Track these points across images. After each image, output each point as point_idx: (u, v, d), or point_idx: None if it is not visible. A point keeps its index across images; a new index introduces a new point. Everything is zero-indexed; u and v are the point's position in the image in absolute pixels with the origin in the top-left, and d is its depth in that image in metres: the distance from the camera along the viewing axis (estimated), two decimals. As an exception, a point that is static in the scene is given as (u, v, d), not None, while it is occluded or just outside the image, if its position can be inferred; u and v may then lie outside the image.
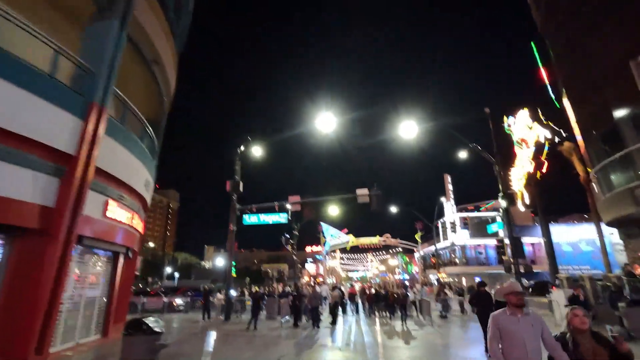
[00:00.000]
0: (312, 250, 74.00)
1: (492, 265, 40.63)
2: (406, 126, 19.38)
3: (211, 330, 12.92)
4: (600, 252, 41.56)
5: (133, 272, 15.46)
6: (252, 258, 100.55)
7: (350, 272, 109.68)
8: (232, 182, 17.35)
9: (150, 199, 14.84)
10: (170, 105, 17.47)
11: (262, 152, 18.82)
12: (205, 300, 15.85)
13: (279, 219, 16.95)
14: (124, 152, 10.50)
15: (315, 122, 16.88)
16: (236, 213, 17.14)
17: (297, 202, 16.98)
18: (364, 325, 14.13)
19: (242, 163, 18.43)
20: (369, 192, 16.72)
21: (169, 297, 23.65)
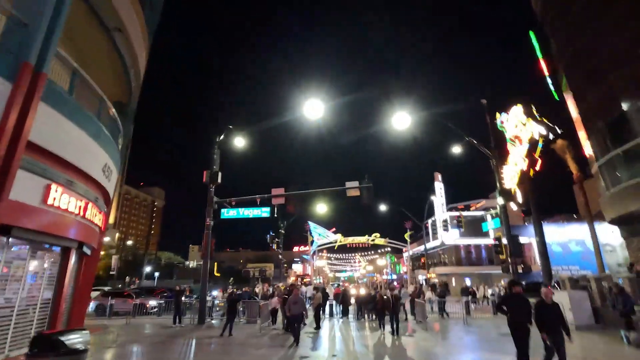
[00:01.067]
0: (300, 250, 72.51)
1: (483, 265, 39.93)
2: (398, 118, 18.16)
3: (178, 338, 11.36)
4: (589, 252, 41.39)
5: (93, 271, 13.77)
6: (238, 258, 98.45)
7: (337, 273, 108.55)
8: (210, 172, 15.78)
9: (112, 188, 13.18)
10: (140, 86, 15.82)
11: (245, 143, 17.31)
12: (176, 302, 14.25)
13: (261, 213, 15.46)
14: (74, 130, 8.88)
15: (303, 109, 15.49)
16: (213, 206, 15.57)
17: (280, 195, 15.52)
18: (353, 331, 12.77)
19: (222, 153, 16.89)
20: (359, 185, 15.38)
21: (142, 299, 21.89)
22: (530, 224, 43.47)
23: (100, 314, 21.01)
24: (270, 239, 32.42)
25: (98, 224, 11.51)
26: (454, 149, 23.75)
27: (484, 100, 20.62)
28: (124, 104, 14.80)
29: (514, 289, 6.86)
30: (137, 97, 15.88)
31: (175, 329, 13.26)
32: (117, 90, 14.28)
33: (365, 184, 15.30)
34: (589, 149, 19.67)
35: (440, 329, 13.24)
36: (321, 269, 76.18)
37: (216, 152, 16.29)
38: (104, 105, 11.18)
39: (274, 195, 15.56)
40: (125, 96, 14.57)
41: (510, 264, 17.02)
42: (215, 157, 16.13)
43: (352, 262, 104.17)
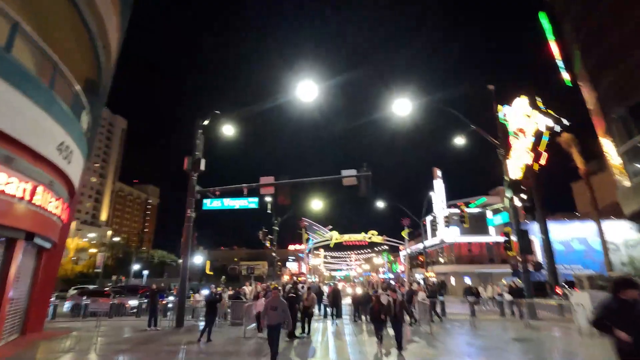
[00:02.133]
0: (296, 248, 71.02)
1: (483, 264, 38.69)
2: (398, 104, 16.77)
3: (146, 345, 9.85)
4: (592, 251, 40.26)
5: (54, 268, 12.23)
6: (232, 256, 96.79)
7: (333, 272, 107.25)
8: (191, 159, 14.25)
9: (77, 174, 11.64)
10: (114, 63, 14.25)
11: (232, 129, 15.77)
12: (152, 303, 12.71)
13: (248, 204, 13.98)
14: (14, 96, 7.36)
15: (295, 92, 14.03)
16: (195, 196, 14.05)
17: (270, 184, 14.04)
18: (347, 336, 11.33)
19: (207, 140, 15.36)
20: (357, 173, 13.91)
21: (121, 298, 20.35)
22: (532, 222, 42.38)
23: (76, 314, 19.50)
24: (262, 236, 30.85)
25: (56, 213, 9.97)
26: (457, 140, 22.38)
27: (491, 85, 19.26)
28: (94, 82, 13.25)
29: (626, 292, 3.82)
30: (110, 76, 14.31)
31: (148, 333, 11.75)
32: (85, 67, 12.73)
33: (363, 172, 13.84)
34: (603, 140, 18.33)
35: (446, 336, 11.84)
36: (317, 268, 74.78)
37: (199, 137, 14.76)
38: (61, 75, 9.62)
39: (263, 184, 14.06)
40: (94, 73, 13.01)
41: (520, 261, 15.68)
42: (198, 143, 14.60)
43: (348, 260, 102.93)
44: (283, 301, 7.39)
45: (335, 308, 15.22)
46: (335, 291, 15.56)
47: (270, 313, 7.12)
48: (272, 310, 7.13)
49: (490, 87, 19.19)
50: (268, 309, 7.18)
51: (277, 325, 7.09)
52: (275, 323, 7.07)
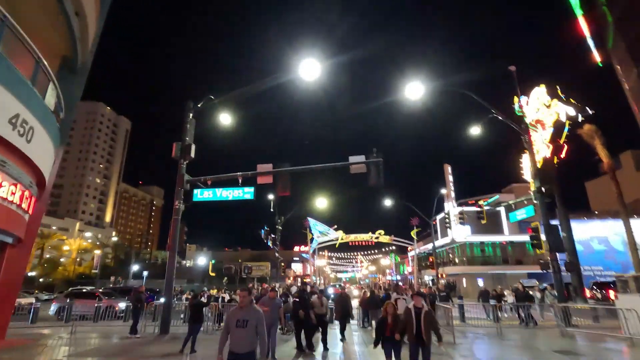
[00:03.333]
0: (301, 249, 69.36)
1: (497, 265, 36.77)
2: (410, 88, 15.13)
3: (120, 356, 8.29)
4: (613, 251, 38.08)
5: (21, 267, 10.74)
6: (236, 257, 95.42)
7: (339, 273, 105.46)
8: (181, 145, 12.71)
9: (47, 162, 10.16)
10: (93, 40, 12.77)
11: (228, 115, 14.24)
12: (134, 307, 11.15)
13: (243, 194, 12.40)
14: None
15: (298, 71, 12.45)
16: (184, 186, 12.51)
17: (268, 173, 12.46)
18: (356, 345, 9.67)
19: (200, 127, 13.83)
20: (366, 160, 12.26)
21: (111, 300, 18.87)
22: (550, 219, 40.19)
23: (62, 317, 18.08)
24: (265, 234, 29.27)
25: (14, 202, 8.46)
26: (473, 130, 20.63)
27: (512, 66, 17.51)
28: (68, 58, 11.79)
29: None
30: (87, 54, 12.82)
31: (126, 342, 10.19)
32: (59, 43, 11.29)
33: (373, 159, 12.19)
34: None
35: (473, 348, 10.13)
36: (322, 269, 73.06)
37: (190, 122, 13.23)
38: (13, 34, 8.12)
39: (260, 172, 12.47)
40: (68, 47, 11.53)
41: (551, 260, 13.91)
42: (189, 127, 13.06)
43: (354, 262, 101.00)
44: (259, 312, 4.24)
45: (343, 320, 11.04)
46: (344, 297, 11.56)
47: (236, 333, 4.06)
48: (239, 328, 4.04)
49: (511, 67, 17.43)
50: (232, 323, 4.12)
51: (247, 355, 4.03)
52: (244, 351, 4.01)
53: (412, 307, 5.82)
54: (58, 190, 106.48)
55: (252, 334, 4.09)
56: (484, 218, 19.78)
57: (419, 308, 5.75)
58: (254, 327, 4.11)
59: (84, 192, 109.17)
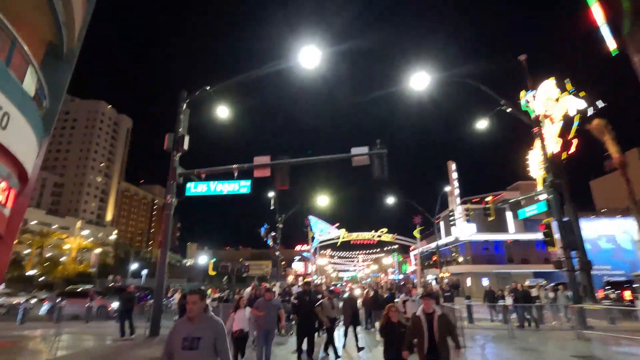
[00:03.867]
0: (302, 249, 68.72)
1: (502, 264, 35.98)
2: (415, 79, 14.40)
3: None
4: (620, 250, 37.18)
5: (1, 263, 10.06)
6: (237, 256, 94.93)
7: (340, 272, 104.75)
8: (173, 136, 12.02)
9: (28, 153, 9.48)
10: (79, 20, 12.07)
11: (225, 106, 13.56)
12: (123, 308, 10.44)
13: (239, 188, 11.70)
14: None
15: (298, 58, 11.76)
16: (177, 180, 11.83)
17: (265, 165, 11.77)
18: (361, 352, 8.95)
19: (194, 118, 13.16)
20: (369, 151, 11.54)
21: (104, 300, 18.28)
22: (555, 219, 39.35)
23: (49, 317, 17.48)
24: (265, 232, 28.59)
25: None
26: (480, 124, 19.91)
27: (522, 56, 16.73)
28: (53, 44, 11.11)
29: None
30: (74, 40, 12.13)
31: (113, 346, 9.53)
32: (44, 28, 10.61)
33: (377, 150, 11.47)
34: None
35: (485, 353, 9.41)
36: (323, 268, 72.43)
37: (184, 112, 12.54)
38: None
39: (257, 165, 11.77)
40: (54, 35, 10.85)
41: (565, 258, 13.17)
42: (182, 118, 12.37)
43: (356, 261, 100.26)
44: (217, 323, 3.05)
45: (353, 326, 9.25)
46: (352, 300, 9.92)
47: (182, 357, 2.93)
48: (186, 351, 2.90)
49: (521, 57, 16.66)
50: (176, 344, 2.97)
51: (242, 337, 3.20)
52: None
53: (422, 313, 4.62)
54: (59, 189, 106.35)
55: (207, 357, 2.92)
56: (491, 215, 19.01)
57: (429, 313, 4.60)
58: (210, 347, 2.92)
59: (85, 191, 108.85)
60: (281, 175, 11.62)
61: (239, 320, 6.26)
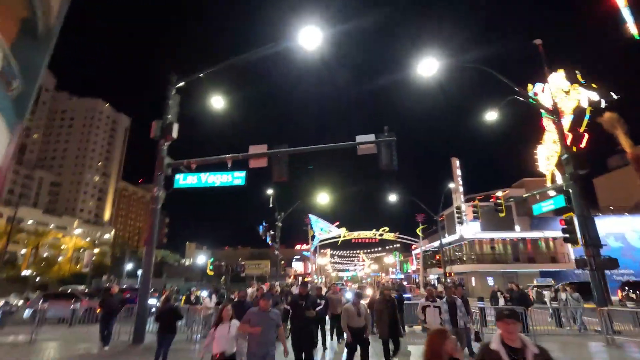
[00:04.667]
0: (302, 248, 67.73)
1: (508, 263, 34.96)
2: (423, 65, 13.37)
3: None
4: (630, 248, 36.14)
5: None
6: (236, 256, 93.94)
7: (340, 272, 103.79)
8: (161, 123, 10.96)
9: None
10: None
11: (220, 94, 12.52)
12: (105, 311, 9.37)
13: (233, 179, 10.66)
14: None
15: (298, 38, 10.72)
16: (166, 171, 10.78)
17: (262, 155, 10.72)
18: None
19: (185, 105, 12.07)
20: (376, 139, 10.48)
21: (90, 302, 17.19)
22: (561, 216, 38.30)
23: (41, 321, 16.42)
24: (263, 231, 27.54)
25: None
26: (489, 115, 18.92)
27: (538, 40, 15.69)
28: (29, 22, 10.05)
29: None
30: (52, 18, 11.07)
31: (88, 354, 8.46)
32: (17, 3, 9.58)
33: (385, 137, 10.42)
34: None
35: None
36: (323, 268, 71.45)
37: (173, 97, 11.48)
38: None
39: (252, 154, 10.73)
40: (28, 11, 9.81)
41: (588, 256, 12.14)
42: (171, 104, 11.31)
43: (356, 260, 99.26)
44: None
45: None
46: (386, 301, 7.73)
47: None
48: None
49: (537, 41, 15.62)
50: None
51: None
52: None
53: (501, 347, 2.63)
54: (56, 188, 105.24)
55: None
56: (503, 211, 17.98)
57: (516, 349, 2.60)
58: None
59: (82, 190, 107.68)
60: (279, 166, 10.57)
61: (222, 339, 4.57)
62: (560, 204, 14.18)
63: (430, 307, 7.06)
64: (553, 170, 25.88)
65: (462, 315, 6.97)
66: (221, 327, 4.68)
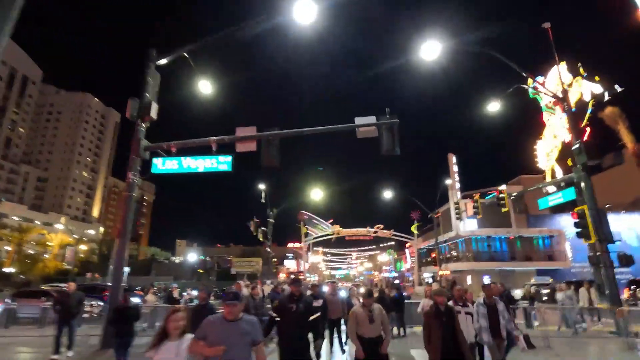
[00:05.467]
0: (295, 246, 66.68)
1: (504, 261, 34.36)
2: (426, 48, 12.42)
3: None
4: (627, 248, 35.73)
5: None
6: (228, 253, 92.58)
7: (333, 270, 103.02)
8: (138, 102, 9.82)
9: None
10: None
11: (208, 76, 11.41)
12: (60, 316, 8.04)
13: (217, 165, 9.56)
14: None
15: (291, 12, 9.67)
16: (142, 154, 9.66)
17: (250, 137, 9.66)
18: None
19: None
20: (376, 121, 9.49)
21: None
22: (559, 214, 38.00)
23: (11, 321, 15.15)
24: (254, 227, 26.41)
25: None
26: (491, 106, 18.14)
27: (547, 24, 14.86)
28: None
29: None
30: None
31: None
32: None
33: (386, 120, 9.43)
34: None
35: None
36: (316, 266, 70.52)
37: (152, 75, 10.35)
38: None
39: (240, 137, 9.66)
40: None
41: (601, 253, 11.33)
42: (150, 81, 10.17)
43: (349, 259, 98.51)
44: None
45: None
46: None
47: None
48: None
49: (545, 25, 14.78)
50: None
51: None
52: None
53: None
54: (43, 183, 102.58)
55: None
56: (506, 205, 17.18)
57: None
58: None
59: (70, 186, 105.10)
60: (269, 149, 9.51)
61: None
62: (570, 196, 13.36)
63: (461, 312, 5.35)
64: (553, 166, 25.20)
65: (506, 322, 5.48)
66: (166, 345, 2.98)
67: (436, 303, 4.75)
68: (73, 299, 8.26)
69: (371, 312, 4.77)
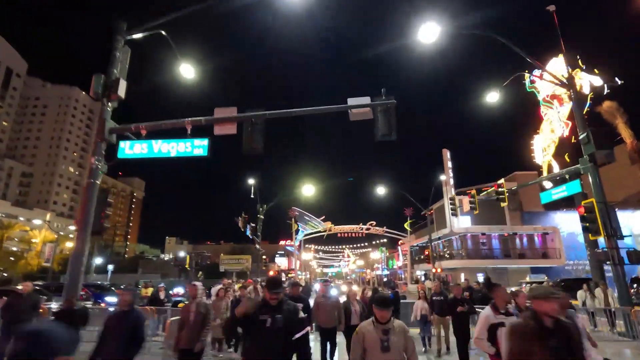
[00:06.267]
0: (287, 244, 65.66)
1: (498, 259, 33.84)
2: (424, 30, 11.51)
3: None
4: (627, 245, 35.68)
5: None
6: (218, 251, 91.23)
7: (325, 268, 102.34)
8: (104, 78, 8.72)
9: None
10: None
11: (184, 54, 10.34)
12: (10, 319, 6.63)
13: (192, 149, 8.50)
14: None
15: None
16: (107, 137, 8.58)
17: (230, 119, 8.62)
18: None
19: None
20: (371, 102, 8.54)
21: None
22: (553, 211, 37.60)
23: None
24: (241, 223, 25.34)
25: None
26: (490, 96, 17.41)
27: (551, 6, 14.08)
28: None
29: None
30: None
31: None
32: None
33: (383, 101, 8.49)
34: None
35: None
36: (308, 263, 69.66)
37: (121, 50, 9.23)
38: None
39: (218, 118, 8.62)
40: None
41: (610, 249, 10.58)
42: (118, 55, 9.06)
43: (341, 256, 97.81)
44: None
45: None
46: None
47: None
48: None
49: (550, 7, 13.99)
50: None
51: None
52: None
53: None
54: (27, 179, 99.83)
55: None
56: (505, 199, 16.44)
57: None
58: None
59: (55, 182, 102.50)
60: (253, 133, 8.49)
61: None
62: (575, 189, 12.60)
63: (504, 323, 3.76)
64: (550, 161, 24.62)
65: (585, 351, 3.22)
66: None
67: (538, 314, 2.61)
68: (25, 302, 6.91)
69: (387, 333, 3.06)
